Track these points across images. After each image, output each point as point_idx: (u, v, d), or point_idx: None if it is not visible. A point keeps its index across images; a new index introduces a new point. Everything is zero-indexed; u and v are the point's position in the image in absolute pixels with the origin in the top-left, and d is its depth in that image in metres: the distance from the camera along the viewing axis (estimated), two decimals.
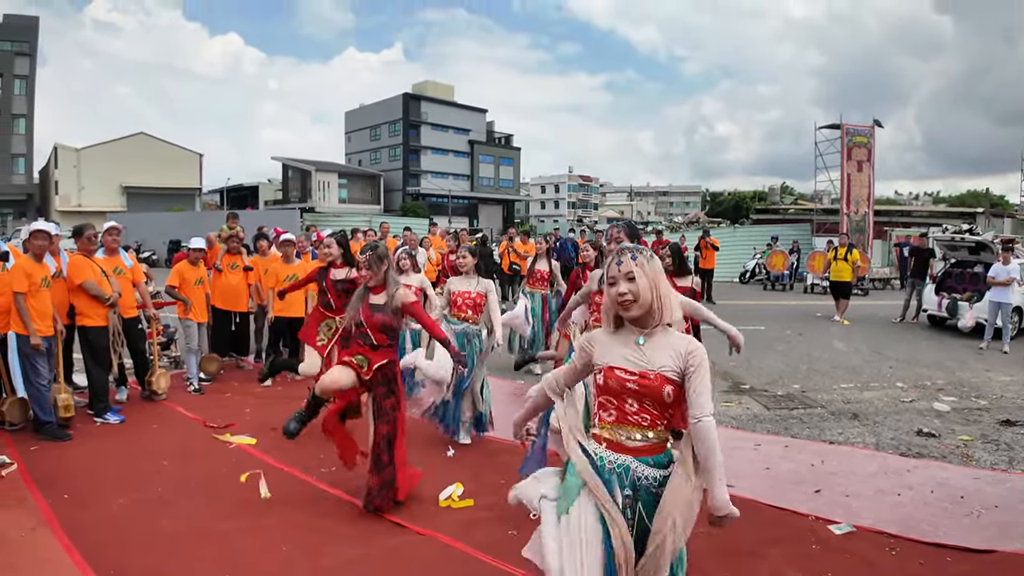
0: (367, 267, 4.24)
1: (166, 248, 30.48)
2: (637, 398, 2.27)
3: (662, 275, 2.31)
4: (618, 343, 2.34)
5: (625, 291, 2.26)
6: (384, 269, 4.26)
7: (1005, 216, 42.72)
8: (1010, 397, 7.56)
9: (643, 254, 2.31)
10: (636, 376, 2.25)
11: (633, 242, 4.31)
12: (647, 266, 2.28)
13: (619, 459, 2.29)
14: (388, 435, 4.23)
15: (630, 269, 2.26)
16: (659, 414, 2.28)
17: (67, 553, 3.54)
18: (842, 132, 23.91)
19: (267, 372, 6.79)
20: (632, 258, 2.28)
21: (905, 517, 4.25)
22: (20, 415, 5.76)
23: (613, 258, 2.33)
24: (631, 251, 2.30)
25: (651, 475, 2.27)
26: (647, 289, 2.25)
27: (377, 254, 4.25)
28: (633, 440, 2.29)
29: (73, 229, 6.34)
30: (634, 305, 2.26)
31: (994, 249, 12.02)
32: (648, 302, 2.26)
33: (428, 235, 14.47)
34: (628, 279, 2.26)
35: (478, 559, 3.62)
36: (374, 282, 4.25)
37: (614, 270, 2.30)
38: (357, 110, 69.35)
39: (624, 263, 2.28)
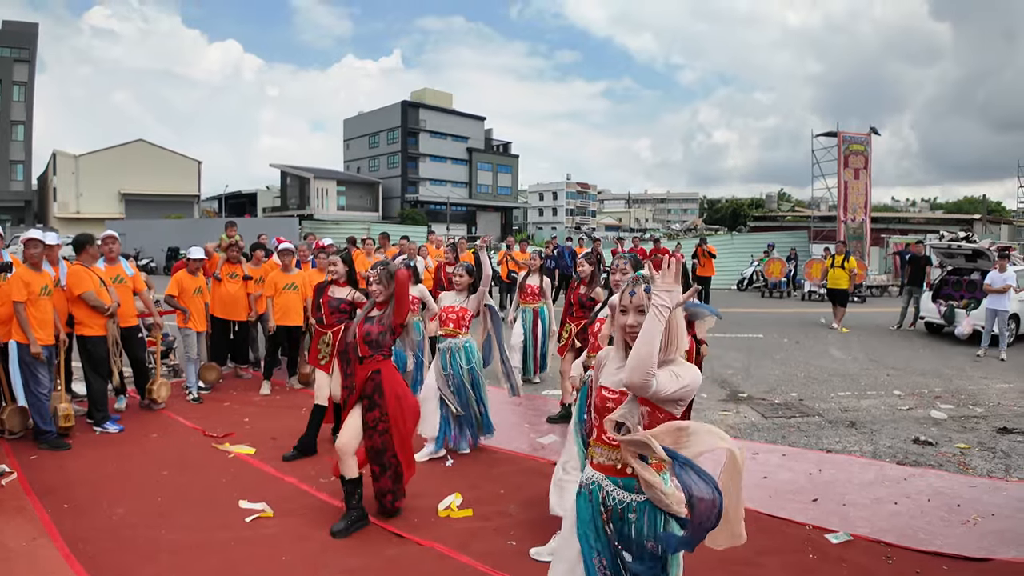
0: (377, 282, 4.23)
1: (164, 255, 30.47)
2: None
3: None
4: (616, 362, 2.35)
5: (635, 324, 2.27)
6: (394, 286, 4.22)
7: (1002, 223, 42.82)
8: (1007, 404, 7.58)
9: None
10: (616, 395, 2.28)
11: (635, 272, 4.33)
12: None
13: (594, 475, 2.33)
14: (375, 448, 4.18)
15: (641, 303, 2.27)
16: None
17: (68, 563, 3.55)
18: (839, 140, 24.00)
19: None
20: (645, 290, 2.28)
21: (902, 526, 4.27)
22: (20, 424, 5.76)
23: (627, 287, 2.34)
24: (646, 282, 2.31)
25: (618, 496, 2.26)
26: None
27: (388, 271, 4.25)
28: (605, 459, 2.31)
29: (74, 241, 6.32)
30: None
31: (991, 256, 12.08)
32: None
33: (426, 243, 14.47)
34: (638, 311, 2.28)
35: (477, 569, 3.63)
36: (383, 298, 4.25)
37: (626, 300, 2.32)
38: (356, 117, 69.54)
39: (636, 295, 2.29)
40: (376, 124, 66.03)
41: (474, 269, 5.72)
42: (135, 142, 56.18)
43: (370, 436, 4.18)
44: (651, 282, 2.25)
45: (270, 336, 7.83)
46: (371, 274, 4.28)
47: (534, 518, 4.24)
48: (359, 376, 4.19)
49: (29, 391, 5.57)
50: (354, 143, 69.12)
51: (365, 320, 4.25)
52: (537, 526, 4.15)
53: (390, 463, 4.22)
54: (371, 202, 62.05)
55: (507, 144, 75.55)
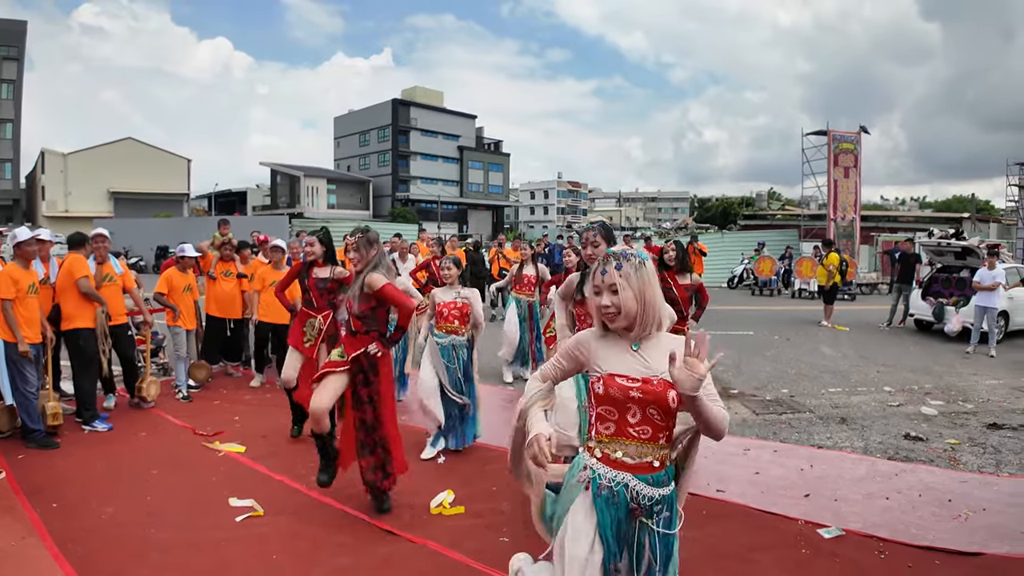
0: (355, 249, 4.16)
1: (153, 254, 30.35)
2: (640, 407, 2.11)
3: (650, 281, 2.15)
4: (614, 349, 2.19)
5: (608, 304, 2.13)
6: (373, 254, 4.17)
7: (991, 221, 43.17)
8: (996, 400, 7.63)
9: (629, 262, 2.13)
10: (639, 383, 2.10)
11: (608, 244, 4.10)
12: (633, 276, 2.11)
13: (616, 475, 2.14)
14: (366, 422, 4.19)
15: (613, 281, 2.11)
16: (662, 425, 2.13)
17: (58, 563, 3.51)
18: (829, 138, 24.10)
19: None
20: (617, 267, 2.12)
21: (894, 521, 4.28)
22: (8, 423, 5.71)
23: (598, 266, 2.17)
24: (616, 259, 2.14)
25: (649, 494, 2.12)
26: (631, 300, 2.10)
27: (367, 238, 4.19)
28: (630, 456, 2.14)
29: (68, 239, 6.26)
30: (618, 317, 2.13)
31: (980, 254, 12.16)
32: (633, 313, 2.12)
33: (417, 241, 14.44)
34: (612, 291, 2.12)
35: (469, 567, 3.61)
36: (360, 265, 4.17)
37: (598, 279, 2.16)
38: (346, 115, 69.35)
39: (608, 273, 2.13)
40: (367, 122, 65.85)
41: (461, 262, 5.67)
42: (124, 140, 55.92)
43: (363, 410, 4.19)
44: (621, 258, 2.13)
45: (256, 331, 7.84)
46: (348, 240, 4.22)
47: (527, 515, 4.21)
48: (351, 348, 4.15)
49: (17, 390, 5.51)
50: (344, 141, 68.91)
51: (353, 298, 4.19)
52: (530, 523, 4.13)
53: (382, 439, 4.21)
54: (362, 200, 61.91)
55: (498, 142, 75.52)
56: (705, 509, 4.42)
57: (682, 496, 2.26)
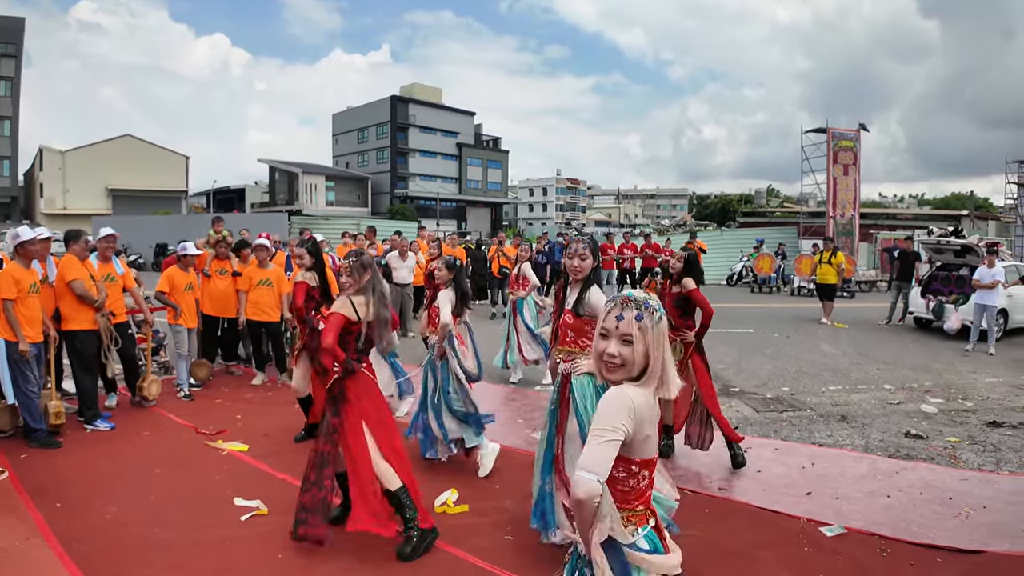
0: (348, 274, 4.00)
1: (152, 252, 30.30)
2: None
3: (664, 340, 1.92)
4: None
5: (615, 354, 1.88)
6: (367, 278, 4.02)
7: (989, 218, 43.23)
8: (996, 398, 7.65)
9: (651, 315, 1.89)
10: None
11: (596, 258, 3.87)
12: (650, 331, 1.87)
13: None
14: (319, 454, 3.81)
15: (629, 332, 1.87)
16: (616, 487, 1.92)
17: (62, 563, 3.52)
18: (828, 136, 24.09)
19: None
20: (637, 318, 1.87)
21: (895, 519, 4.29)
22: (10, 422, 5.71)
23: (613, 309, 1.92)
24: (639, 307, 1.88)
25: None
26: (641, 356, 1.87)
27: (361, 262, 4.02)
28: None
29: (65, 235, 6.25)
30: (620, 370, 1.89)
31: (979, 252, 12.17)
32: (637, 370, 1.89)
33: (417, 239, 14.45)
34: (624, 341, 1.88)
35: (474, 565, 3.63)
36: (352, 289, 4.00)
37: (610, 323, 1.91)
38: (344, 112, 69.23)
39: (624, 321, 1.88)
40: (365, 119, 65.72)
41: (454, 263, 5.40)
42: (122, 137, 55.80)
43: (322, 441, 3.84)
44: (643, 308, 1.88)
45: (249, 331, 7.92)
46: (342, 264, 4.06)
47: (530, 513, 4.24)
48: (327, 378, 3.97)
49: (18, 389, 5.52)
50: (343, 138, 68.80)
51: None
52: None
53: (321, 483, 3.80)
54: (360, 197, 61.82)
55: (497, 139, 75.45)
56: (707, 507, 4.44)
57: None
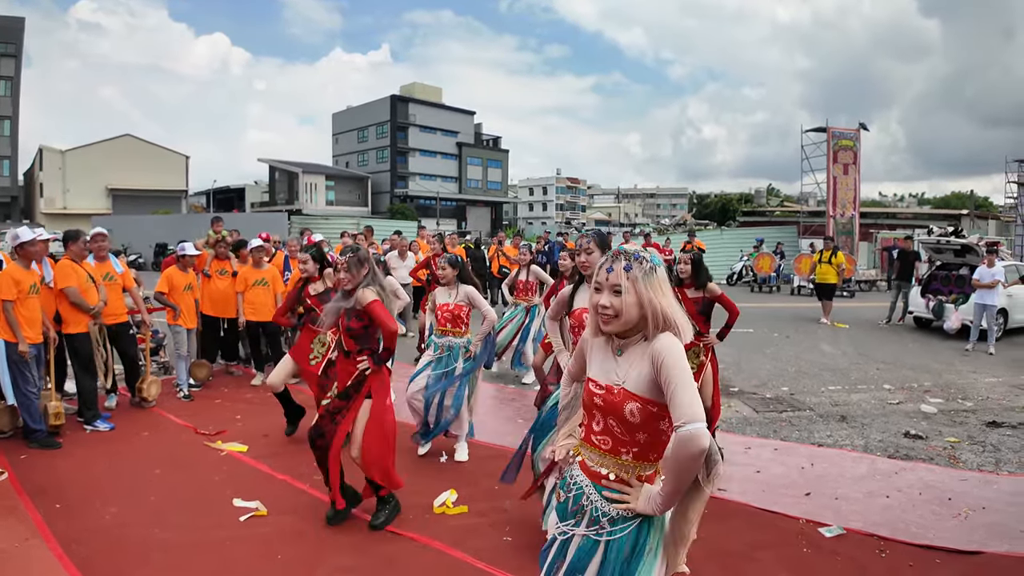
0: (345, 270, 4.08)
1: (152, 251, 30.29)
2: (602, 415, 2.01)
3: (661, 289, 1.95)
4: (600, 352, 2.08)
5: (607, 304, 1.95)
6: (364, 273, 4.11)
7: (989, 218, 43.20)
8: (996, 398, 7.65)
9: (640, 264, 1.95)
10: (603, 391, 2.00)
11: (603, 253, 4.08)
12: (640, 281, 1.93)
13: (579, 478, 2.08)
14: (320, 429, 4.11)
15: (618, 282, 1.94)
16: (623, 439, 1.98)
17: (61, 564, 3.53)
18: (828, 135, 24.08)
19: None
20: (626, 268, 1.94)
21: (894, 519, 4.30)
22: (9, 423, 5.71)
23: (605, 262, 2.00)
24: (626, 258, 1.96)
25: (601, 506, 2.01)
26: (633, 306, 1.93)
27: (358, 257, 4.11)
28: (591, 464, 2.06)
29: (66, 234, 6.25)
30: (614, 321, 1.96)
31: (979, 252, 12.17)
32: (632, 320, 1.95)
33: (417, 238, 14.43)
34: (614, 291, 1.94)
35: (473, 566, 3.63)
36: (351, 285, 4.09)
37: (602, 276, 1.98)
38: (344, 112, 69.24)
39: (614, 272, 1.95)
40: (365, 118, 65.73)
41: (457, 261, 5.52)
42: (122, 137, 55.77)
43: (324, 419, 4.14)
44: (632, 259, 1.95)
45: (246, 331, 7.91)
46: (340, 260, 4.12)
47: (529, 514, 4.24)
48: (344, 371, 4.13)
49: (18, 390, 5.51)
50: (343, 138, 68.80)
51: (346, 315, 4.12)
52: (533, 522, 4.15)
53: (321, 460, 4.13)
54: (360, 197, 61.82)
55: (497, 139, 75.45)
56: (706, 507, 4.43)
57: (669, 552, 2.07)
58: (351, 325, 4.11)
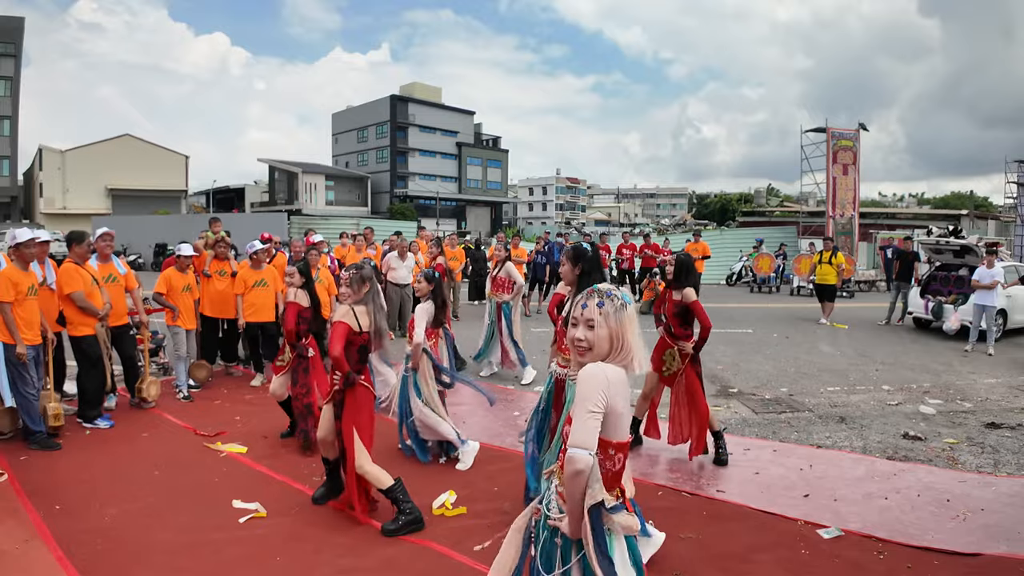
0: (347, 285, 4.21)
1: (152, 252, 30.29)
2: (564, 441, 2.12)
3: (630, 325, 2.12)
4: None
5: (582, 338, 2.11)
6: (366, 291, 4.23)
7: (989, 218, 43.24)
8: (995, 399, 7.66)
9: (612, 301, 2.12)
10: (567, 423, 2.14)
11: (577, 262, 4.20)
12: (612, 316, 2.10)
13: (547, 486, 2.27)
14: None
15: (592, 317, 2.10)
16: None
17: (61, 566, 3.53)
18: (827, 136, 24.09)
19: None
20: (599, 304, 2.11)
21: (892, 521, 4.30)
22: (9, 424, 5.71)
23: (580, 299, 2.17)
24: (600, 296, 2.13)
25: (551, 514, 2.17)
26: (605, 340, 2.09)
27: (361, 275, 4.23)
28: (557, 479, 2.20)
29: (68, 236, 6.25)
30: (588, 353, 2.11)
31: (979, 252, 12.17)
32: (604, 352, 2.10)
33: (417, 239, 14.43)
34: (588, 326, 2.11)
35: (472, 567, 3.63)
36: (350, 301, 4.21)
37: (577, 312, 2.16)
38: (344, 112, 69.27)
39: (588, 308, 2.12)
40: (365, 118, 65.78)
41: (434, 277, 5.47)
42: (122, 137, 55.81)
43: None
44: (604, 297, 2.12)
45: (245, 332, 7.93)
46: (343, 276, 4.25)
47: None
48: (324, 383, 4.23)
49: (17, 391, 5.52)
50: (343, 137, 68.85)
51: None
52: None
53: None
54: (360, 197, 61.86)
55: (496, 139, 75.49)
56: (705, 509, 4.44)
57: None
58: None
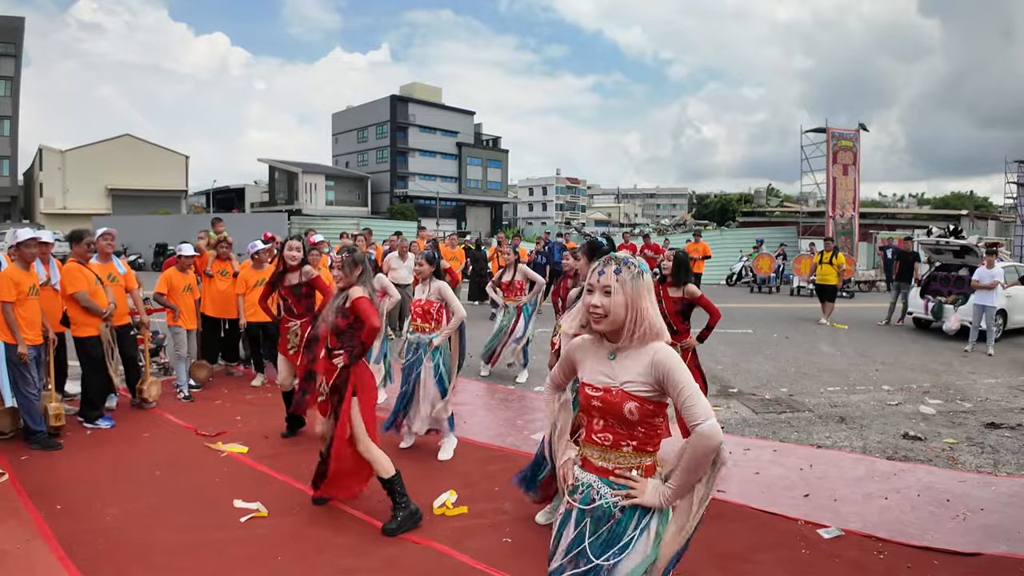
0: (339, 268, 4.20)
1: (152, 252, 30.28)
2: (601, 415, 2.15)
3: (647, 293, 2.13)
4: (594, 355, 2.23)
5: (598, 304, 2.11)
6: (358, 273, 4.21)
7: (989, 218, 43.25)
8: (995, 399, 7.67)
9: (629, 268, 2.12)
10: (600, 392, 2.14)
11: (592, 257, 4.31)
12: (628, 283, 2.10)
13: (584, 475, 2.21)
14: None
15: (608, 284, 2.10)
16: (623, 433, 2.13)
17: (63, 566, 3.54)
18: (827, 136, 24.10)
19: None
20: (616, 271, 2.11)
21: (892, 520, 4.31)
22: (10, 424, 5.71)
23: (597, 266, 2.17)
24: (616, 263, 2.14)
25: (609, 495, 2.13)
26: (621, 306, 2.09)
27: (353, 258, 4.21)
28: (595, 459, 2.19)
29: (70, 234, 6.25)
30: (604, 320, 2.12)
31: (979, 252, 12.18)
32: (620, 320, 2.11)
33: (417, 239, 14.44)
34: (604, 292, 2.11)
35: (473, 567, 3.64)
36: (343, 284, 4.19)
37: (594, 278, 2.15)
38: (344, 112, 69.27)
39: (605, 275, 2.12)
40: (365, 118, 65.78)
41: (434, 257, 5.55)
42: (122, 137, 55.81)
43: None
44: (621, 264, 2.13)
45: (246, 332, 7.94)
46: (335, 259, 4.23)
47: (529, 515, 4.26)
48: (328, 375, 4.20)
49: (18, 391, 5.52)
50: (343, 137, 68.85)
51: (333, 311, 4.20)
52: (532, 523, 4.17)
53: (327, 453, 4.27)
54: (360, 197, 61.86)
55: (496, 139, 75.49)
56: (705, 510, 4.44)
57: (666, 542, 2.16)
58: (337, 322, 4.18)
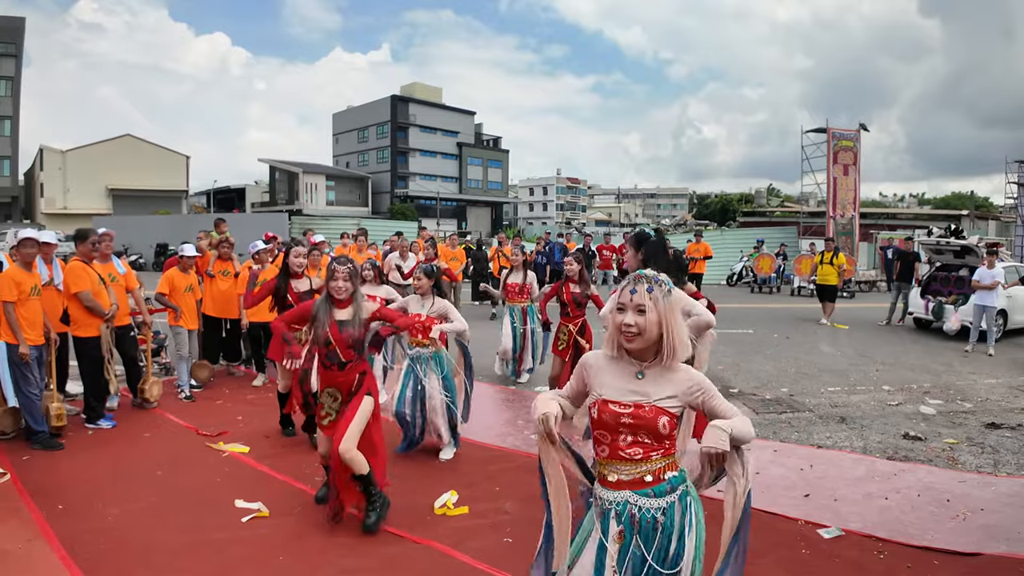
0: (344, 279, 4.13)
1: (153, 252, 30.29)
2: (631, 431, 2.18)
3: (677, 311, 2.20)
4: (615, 373, 2.25)
5: (632, 323, 2.15)
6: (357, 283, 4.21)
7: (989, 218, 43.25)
8: (995, 400, 7.67)
9: (660, 287, 2.17)
10: (631, 408, 2.17)
11: (639, 247, 4.35)
12: (661, 301, 2.15)
13: (615, 495, 2.22)
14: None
15: (643, 302, 2.14)
16: (654, 445, 2.19)
17: (65, 566, 3.54)
18: (828, 136, 24.09)
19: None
20: (648, 290, 2.15)
21: (892, 520, 4.31)
22: (12, 424, 5.73)
23: (628, 284, 2.20)
24: (648, 281, 2.17)
25: (650, 505, 2.19)
26: (655, 324, 2.14)
27: (355, 268, 4.23)
28: (625, 475, 2.21)
29: (76, 233, 6.26)
30: (638, 338, 2.16)
31: (979, 253, 12.18)
32: (653, 338, 2.16)
33: (417, 239, 14.43)
34: (638, 311, 2.15)
35: (474, 567, 3.65)
36: (344, 295, 4.13)
37: (626, 297, 2.18)
38: (344, 112, 69.28)
39: (637, 293, 2.16)
40: (365, 118, 65.79)
41: (433, 271, 5.54)
42: (122, 137, 55.86)
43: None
44: (653, 282, 2.17)
45: (248, 332, 7.93)
46: (338, 269, 4.14)
47: (530, 515, 4.26)
48: (343, 381, 4.16)
49: (20, 391, 5.53)
50: (343, 137, 68.86)
51: (339, 325, 4.10)
52: (533, 523, 4.16)
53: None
54: (360, 197, 61.88)
55: (497, 139, 75.50)
56: (705, 509, 4.44)
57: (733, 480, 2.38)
58: (355, 335, 4.12)
